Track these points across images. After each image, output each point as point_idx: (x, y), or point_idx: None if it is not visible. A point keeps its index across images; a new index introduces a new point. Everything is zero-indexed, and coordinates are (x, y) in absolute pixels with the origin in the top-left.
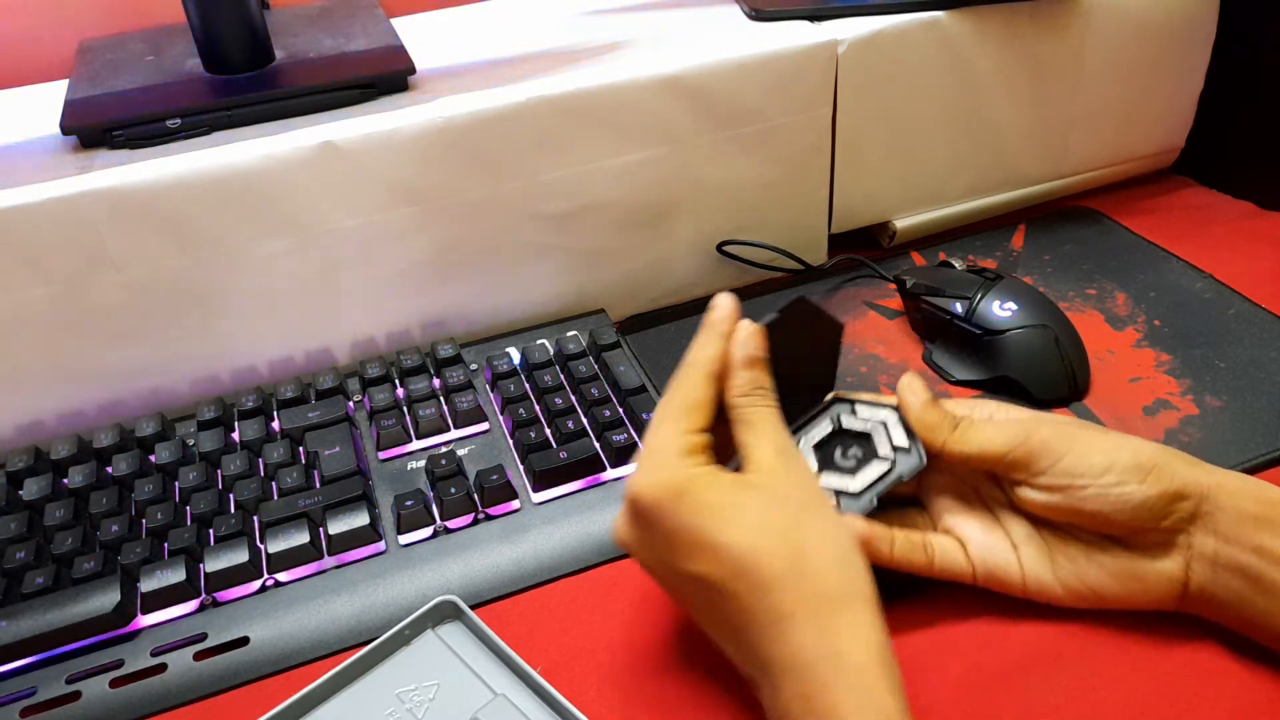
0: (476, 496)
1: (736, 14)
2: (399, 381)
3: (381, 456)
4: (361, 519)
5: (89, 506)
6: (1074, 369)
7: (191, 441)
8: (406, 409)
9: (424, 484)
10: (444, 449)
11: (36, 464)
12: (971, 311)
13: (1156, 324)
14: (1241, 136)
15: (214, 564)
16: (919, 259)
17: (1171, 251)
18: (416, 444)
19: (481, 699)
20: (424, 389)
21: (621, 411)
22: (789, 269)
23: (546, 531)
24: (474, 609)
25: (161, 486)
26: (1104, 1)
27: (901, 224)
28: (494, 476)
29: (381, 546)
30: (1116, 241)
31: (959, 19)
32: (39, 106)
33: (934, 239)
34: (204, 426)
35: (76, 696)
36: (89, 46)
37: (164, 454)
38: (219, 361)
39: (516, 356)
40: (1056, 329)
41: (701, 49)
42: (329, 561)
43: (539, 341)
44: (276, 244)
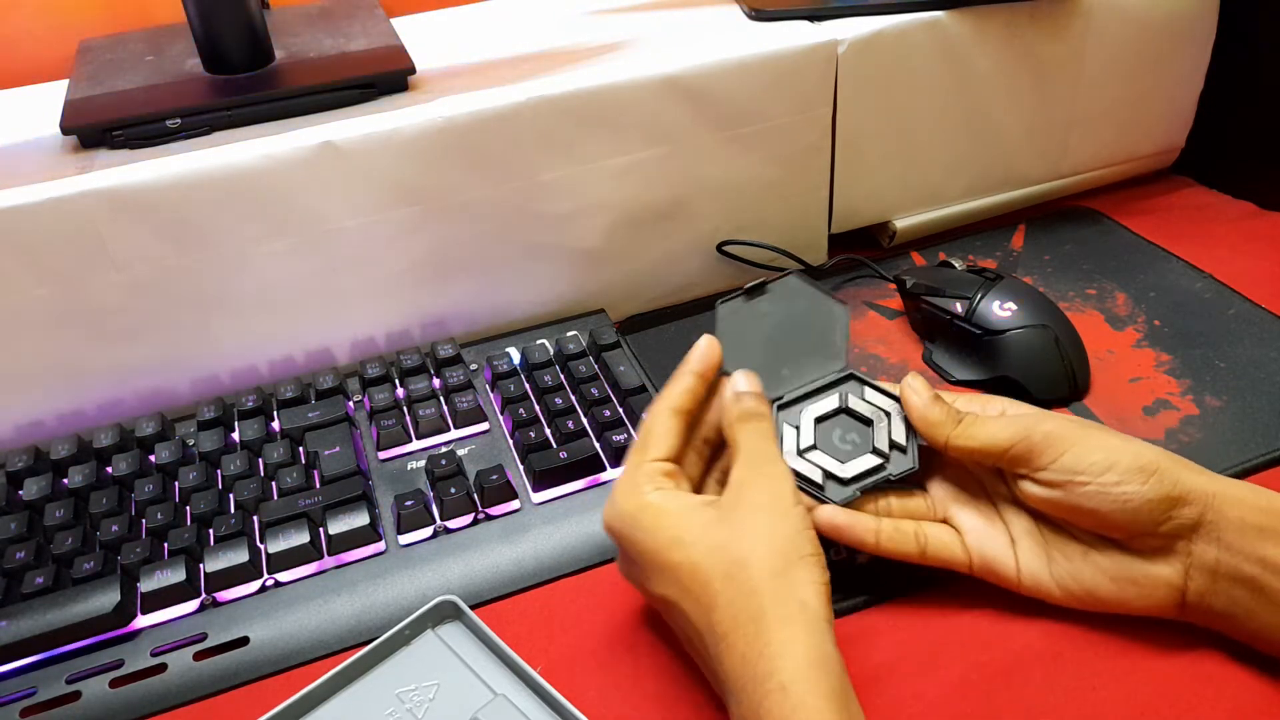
0: (476, 496)
1: (736, 14)
2: (399, 381)
3: (381, 456)
4: (361, 519)
5: (89, 506)
6: (1074, 369)
7: (191, 441)
8: (406, 409)
9: (424, 484)
10: (444, 449)
11: (36, 464)
12: (971, 311)
13: (1156, 324)
14: (1241, 136)
15: (214, 564)
16: (919, 259)
17: (1171, 251)
18: (416, 444)
19: (481, 699)
20: (424, 389)
21: (621, 411)
22: (789, 269)
23: (546, 531)
24: (474, 609)
25: (161, 486)
26: (1104, 1)
27: (901, 224)
28: (494, 476)
29: (381, 546)
30: (1116, 241)
31: (959, 19)
32: (39, 106)
33: (934, 239)
34: (204, 426)
35: (76, 696)
36: (89, 46)
37: (164, 454)
38: (219, 361)
39: (516, 356)
40: (1056, 329)
41: (701, 49)
42: (329, 561)
43: (539, 341)
44: (276, 244)
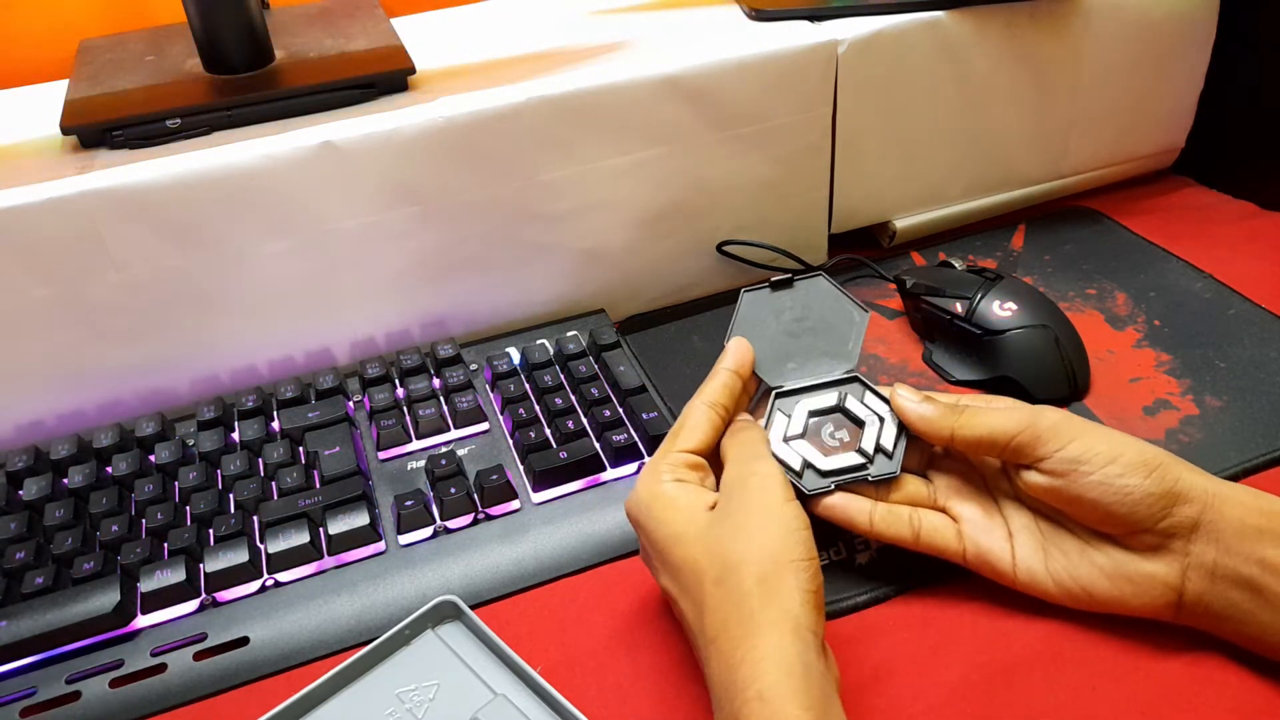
0: (476, 496)
1: (736, 14)
2: (399, 381)
3: (381, 456)
4: (361, 519)
5: (89, 506)
6: (1074, 369)
7: (191, 441)
8: (406, 409)
9: (424, 484)
10: (444, 449)
11: (36, 464)
12: (971, 311)
13: (1156, 324)
14: (1241, 136)
15: (214, 564)
16: (919, 259)
17: (1171, 251)
18: (416, 444)
19: (481, 699)
20: (424, 389)
21: (621, 411)
22: (789, 269)
23: (546, 531)
24: (474, 609)
25: (161, 486)
26: (1104, 1)
27: (901, 224)
28: (494, 476)
29: (381, 546)
30: (1116, 241)
31: (959, 19)
32: (39, 106)
33: (934, 239)
34: (204, 426)
35: (76, 696)
36: (89, 46)
37: (164, 454)
38: (219, 361)
39: (516, 356)
40: (1056, 329)
41: (701, 49)
42: (329, 561)
43: (539, 341)
44: (276, 244)
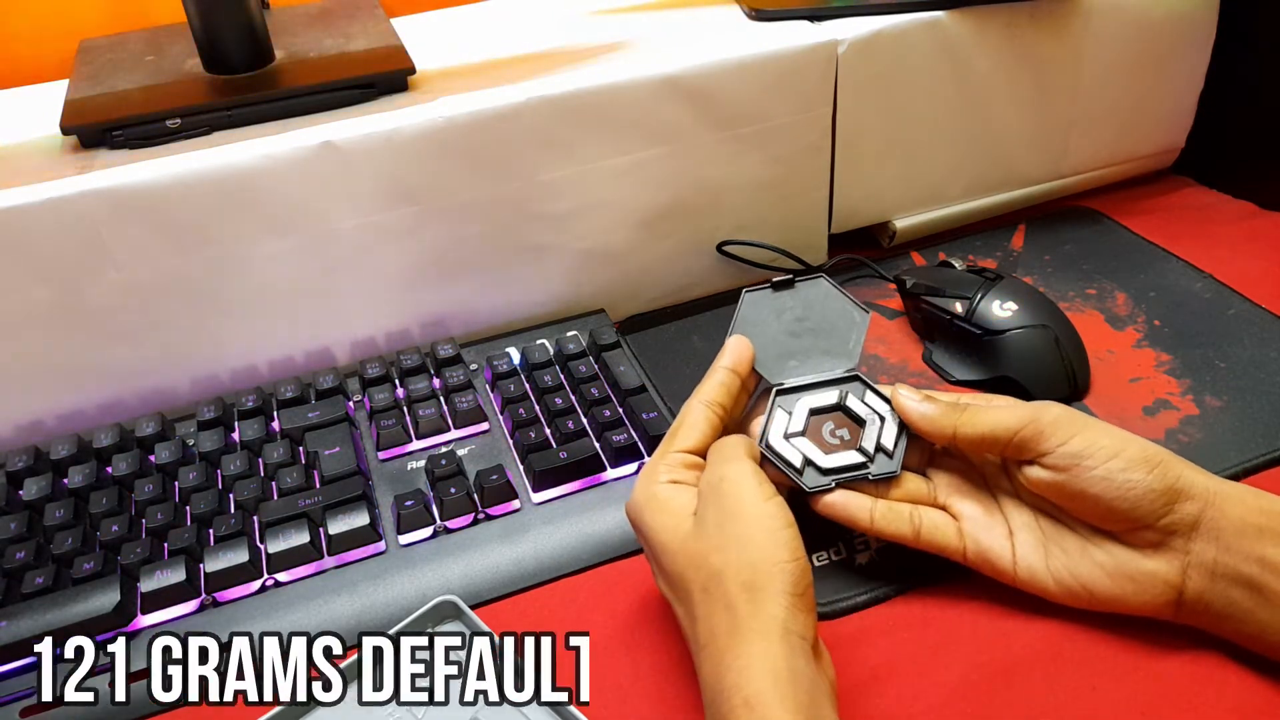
0: (476, 496)
1: (736, 14)
2: (399, 381)
3: (381, 456)
4: (361, 519)
5: (89, 506)
6: (1074, 369)
7: (191, 441)
8: (406, 409)
9: (424, 484)
10: (444, 449)
11: (36, 464)
12: (971, 311)
13: (1156, 324)
14: (1241, 136)
15: (214, 564)
16: (919, 259)
17: (1171, 251)
18: (416, 444)
19: (482, 699)
20: (424, 389)
21: (621, 411)
22: (789, 269)
23: (546, 531)
24: (474, 609)
25: (161, 486)
26: (1104, 1)
27: (901, 224)
28: (494, 476)
29: (381, 546)
30: (1116, 241)
31: (959, 19)
32: (39, 106)
33: (934, 239)
34: (204, 426)
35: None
36: (89, 46)
37: (164, 454)
38: (219, 361)
39: (516, 356)
40: (1056, 329)
41: (701, 49)
42: (329, 561)
43: (539, 341)
44: (276, 244)
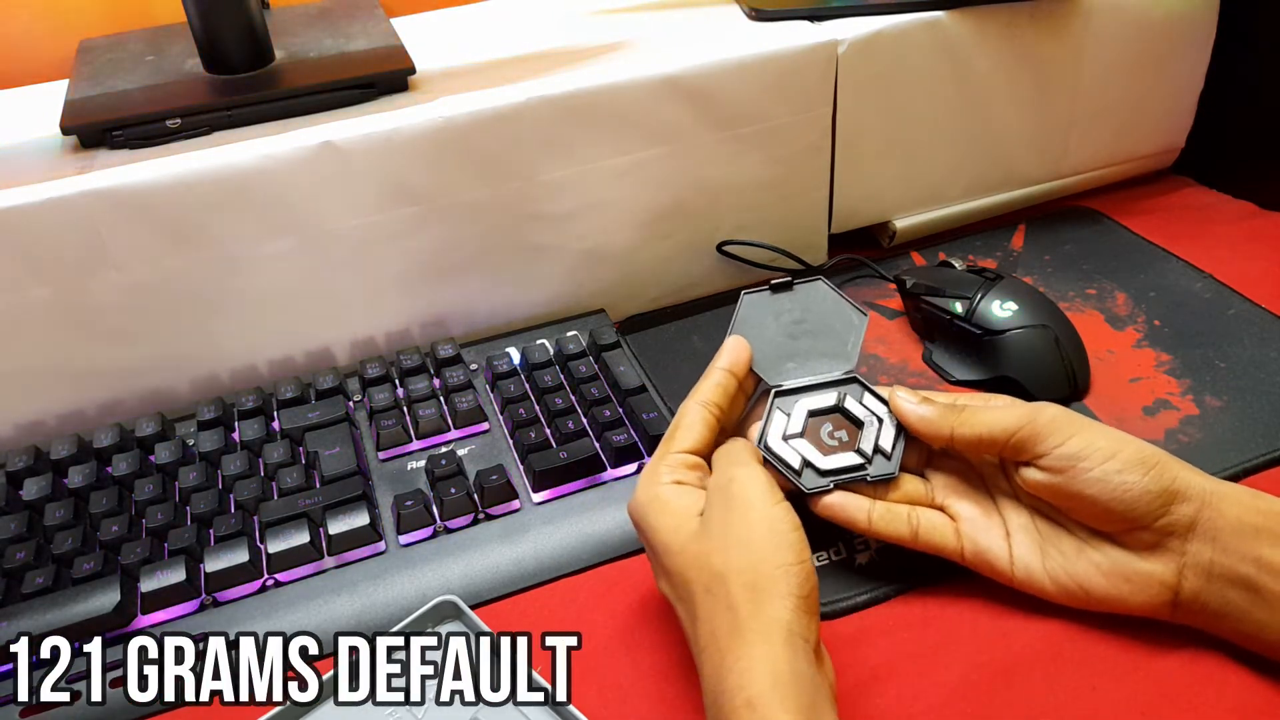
0: (476, 496)
1: (736, 14)
2: (399, 381)
3: (381, 456)
4: (361, 519)
5: (89, 506)
6: (1074, 369)
7: (191, 441)
8: (406, 409)
9: (424, 484)
10: (444, 449)
11: (36, 464)
12: (971, 311)
13: (1156, 324)
14: (1241, 136)
15: (214, 564)
16: (919, 259)
17: (1171, 251)
18: (416, 444)
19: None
20: (424, 389)
21: (621, 411)
22: (789, 269)
23: (546, 531)
24: (474, 609)
25: (161, 486)
26: (1104, 1)
27: (901, 224)
28: (494, 476)
29: (381, 546)
30: (1116, 241)
31: (959, 19)
32: (39, 106)
33: (934, 239)
34: (204, 426)
35: (77, 697)
36: (89, 46)
37: (164, 454)
38: (219, 361)
39: (516, 356)
40: (1056, 329)
41: (701, 49)
42: (329, 561)
43: (539, 341)
44: (276, 244)
